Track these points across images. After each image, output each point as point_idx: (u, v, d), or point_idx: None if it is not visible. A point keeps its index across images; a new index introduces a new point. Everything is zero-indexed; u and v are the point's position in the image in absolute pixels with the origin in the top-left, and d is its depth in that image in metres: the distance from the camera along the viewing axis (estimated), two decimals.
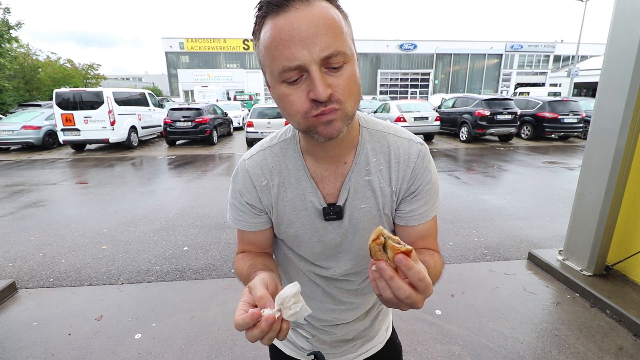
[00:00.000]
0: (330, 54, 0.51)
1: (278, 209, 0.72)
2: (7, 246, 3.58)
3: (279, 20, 0.51)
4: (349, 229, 0.72)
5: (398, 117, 10.44)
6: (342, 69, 0.54)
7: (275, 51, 0.52)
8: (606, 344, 2.06)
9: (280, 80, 0.54)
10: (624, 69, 2.30)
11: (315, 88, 0.52)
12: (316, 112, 0.54)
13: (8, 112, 13.89)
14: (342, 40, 0.53)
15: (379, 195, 0.70)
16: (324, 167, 0.70)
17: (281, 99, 0.56)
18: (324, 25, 0.51)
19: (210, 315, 2.40)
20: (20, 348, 2.09)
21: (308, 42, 0.50)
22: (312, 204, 0.70)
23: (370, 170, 0.69)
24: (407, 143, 0.71)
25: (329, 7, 0.53)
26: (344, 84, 0.54)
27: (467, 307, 2.45)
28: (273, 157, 0.72)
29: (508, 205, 4.70)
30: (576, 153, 8.80)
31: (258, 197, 0.72)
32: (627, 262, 2.57)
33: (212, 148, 10.30)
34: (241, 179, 0.73)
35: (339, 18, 0.54)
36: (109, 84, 29.09)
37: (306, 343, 0.87)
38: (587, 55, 37.81)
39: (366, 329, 0.88)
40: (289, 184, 0.71)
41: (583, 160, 2.68)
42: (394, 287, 0.44)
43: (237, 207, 0.74)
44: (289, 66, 0.51)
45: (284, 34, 0.50)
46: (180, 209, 4.72)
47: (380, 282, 0.46)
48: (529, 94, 23.67)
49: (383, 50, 39.46)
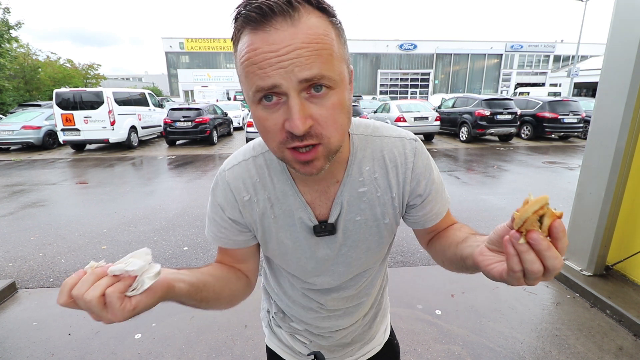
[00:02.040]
0: (312, 77, 0.44)
1: (264, 226, 0.66)
2: (7, 246, 3.58)
3: (256, 39, 0.45)
4: (344, 243, 0.67)
5: (398, 117, 10.44)
6: (327, 97, 0.47)
7: (249, 68, 0.46)
8: (606, 344, 2.05)
9: (255, 101, 0.48)
10: (624, 69, 2.30)
11: (291, 119, 0.45)
12: (291, 144, 0.48)
13: (8, 112, 13.89)
14: (330, 64, 0.46)
15: (376, 205, 0.65)
16: (313, 187, 0.64)
17: (257, 121, 0.50)
18: (308, 49, 0.44)
19: (210, 315, 2.40)
20: (20, 348, 2.09)
21: (287, 63, 0.44)
22: (302, 220, 0.65)
23: (364, 181, 0.64)
24: (400, 142, 0.65)
25: (318, 23, 0.46)
26: (327, 114, 0.47)
27: (467, 307, 2.45)
28: (257, 169, 0.65)
29: (508, 205, 4.70)
30: (576, 153, 8.80)
31: (240, 212, 0.65)
32: (627, 262, 2.57)
33: (212, 148, 10.31)
34: (221, 192, 0.66)
35: (329, 38, 0.46)
36: (109, 84, 29.10)
37: (304, 348, 0.85)
38: (587, 55, 37.82)
39: (364, 331, 0.86)
40: (275, 200, 0.64)
41: (583, 160, 2.68)
42: (550, 257, 0.40)
43: (218, 222, 0.67)
44: (263, 86, 0.45)
45: (259, 55, 0.44)
46: (180, 209, 4.72)
47: (529, 255, 0.40)
48: (529, 94, 23.69)
49: (383, 50, 39.48)
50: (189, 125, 10.24)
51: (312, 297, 0.76)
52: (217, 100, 20.56)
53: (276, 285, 0.81)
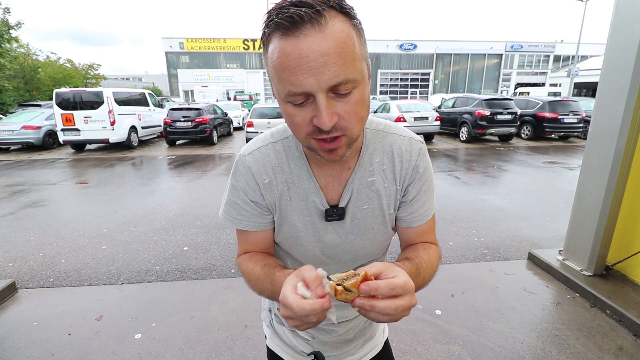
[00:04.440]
0: (339, 82, 0.49)
1: (281, 208, 0.71)
2: (7, 246, 3.58)
3: (287, 44, 0.49)
4: (350, 230, 0.72)
5: (398, 117, 10.44)
6: (351, 94, 0.52)
7: (281, 74, 0.50)
8: (606, 344, 2.06)
9: (286, 101, 0.53)
10: (624, 69, 2.30)
11: (319, 116, 0.51)
12: (319, 136, 0.54)
13: (8, 112, 13.89)
14: (353, 67, 0.51)
15: (383, 196, 0.71)
16: (327, 172, 0.70)
17: (286, 115, 0.56)
18: (334, 54, 0.48)
19: (210, 315, 2.40)
20: (20, 348, 2.09)
21: (316, 71, 0.48)
22: (315, 204, 0.70)
23: (374, 171, 0.70)
24: (409, 141, 0.72)
25: (343, 27, 0.50)
26: (351, 110, 0.53)
27: (467, 307, 2.45)
28: (275, 154, 0.70)
29: (508, 205, 4.70)
30: (576, 153, 8.80)
31: (261, 195, 0.70)
32: (627, 262, 2.57)
33: (212, 148, 10.31)
34: (242, 176, 0.70)
35: (352, 40, 0.51)
36: (109, 84, 29.12)
37: (306, 346, 0.85)
38: (587, 55, 37.81)
39: (366, 327, 0.88)
40: (292, 183, 0.70)
41: (583, 160, 2.68)
42: (381, 311, 0.47)
43: (239, 205, 0.72)
44: (295, 92, 0.50)
45: (291, 61, 0.49)
46: (180, 209, 4.72)
47: (371, 314, 0.48)
48: (529, 94, 23.68)
49: (383, 50, 39.45)
50: (189, 125, 10.24)
51: None
52: (217, 100, 20.55)
53: None
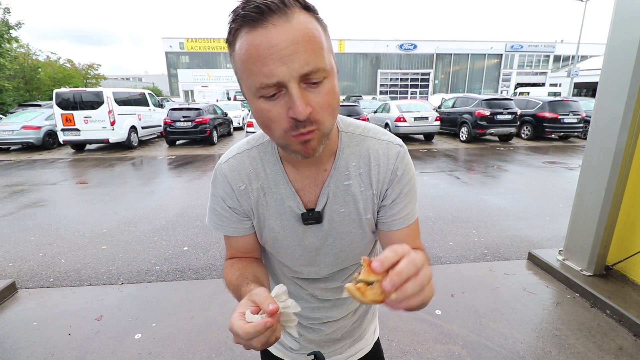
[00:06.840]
0: (310, 71, 0.49)
1: (259, 213, 0.72)
2: (7, 246, 3.58)
3: (256, 36, 0.48)
4: (329, 233, 0.72)
5: (398, 117, 10.45)
6: (322, 85, 0.52)
7: (252, 66, 0.49)
8: (606, 344, 2.06)
9: (257, 96, 0.52)
10: (624, 69, 2.30)
11: (294, 106, 0.50)
12: (295, 132, 0.53)
13: (8, 112, 13.89)
14: (322, 56, 0.51)
15: (359, 200, 0.70)
16: (303, 174, 0.69)
17: (260, 113, 0.54)
18: (303, 42, 0.48)
19: (210, 315, 2.40)
20: (20, 348, 2.10)
21: (287, 59, 0.48)
22: (291, 208, 0.70)
23: (350, 175, 0.69)
24: (386, 145, 0.70)
25: (308, 20, 0.51)
26: (323, 101, 0.53)
27: (467, 307, 2.45)
28: (250, 160, 0.71)
29: (508, 205, 4.70)
30: (576, 153, 8.80)
31: (238, 201, 0.71)
32: (627, 262, 2.57)
33: (212, 148, 10.31)
34: (220, 184, 0.72)
35: (319, 32, 0.52)
36: (109, 84, 29.11)
37: (294, 343, 0.87)
38: (587, 55, 37.80)
39: (355, 328, 0.88)
40: (268, 188, 0.70)
41: (583, 160, 2.68)
42: (405, 272, 0.42)
43: (219, 212, 0.73)
44: (267, 83, 0.49)
45: (261, 51, 0.48)
46: (180, 209, 4.72)
47: (401, 291, 0.43)
48: (529, 94, 23.67)
49: (383, 50, 39.43)
50: (189, 125, 10.24)
51: (302, 286, 0.81)
52: (217, 100, 20.54)
53: (269, 274, 0.85)
